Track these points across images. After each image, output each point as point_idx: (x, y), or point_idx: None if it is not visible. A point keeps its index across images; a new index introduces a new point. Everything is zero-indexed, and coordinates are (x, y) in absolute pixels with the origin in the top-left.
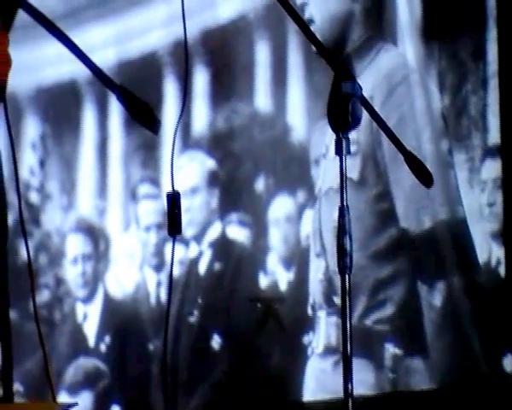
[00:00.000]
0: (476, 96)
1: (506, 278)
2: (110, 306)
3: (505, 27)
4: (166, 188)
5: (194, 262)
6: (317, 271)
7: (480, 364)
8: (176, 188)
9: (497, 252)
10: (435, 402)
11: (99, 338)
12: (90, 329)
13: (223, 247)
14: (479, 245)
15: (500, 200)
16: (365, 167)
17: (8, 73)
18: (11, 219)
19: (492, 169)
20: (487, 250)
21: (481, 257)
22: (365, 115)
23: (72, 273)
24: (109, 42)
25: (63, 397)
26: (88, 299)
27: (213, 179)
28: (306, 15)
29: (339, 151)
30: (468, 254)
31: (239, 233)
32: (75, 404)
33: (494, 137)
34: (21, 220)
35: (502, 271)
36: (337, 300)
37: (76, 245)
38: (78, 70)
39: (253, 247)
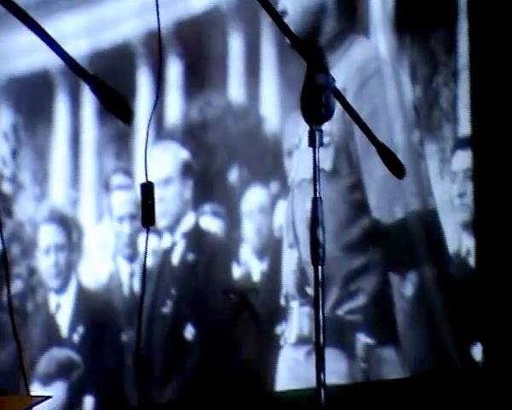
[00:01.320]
0: (447, 87)
1: (476, 269)
2: (83, 296)
3: (476, 21)
4: (140, 178)
5: (167, 253)
6: (290, 262)
7: (450, 353)
8: (149, 178)
9: (468, 242)
10: (407, 391)
11: (72, 329)
12: (63, 319)
13: (196, 238)
14: (449, 235)
15: (470, 191)
16: (338, 158)
17: None
18: None
19: (463, 160)
20: (458, 241)
21: (452, 247)
22: (338, 107)
23: (45, 264)
24: (82, 32)
25: (36, 388)
26: (61, 289)
27: (187, 170)
28: (280, 7)
29: (312, 143)
30: (438, 244)
31: (212, 224)
32: (49, 397)
33: (465, 128)
34: None
35: (472, 261)
36: (310, 290)
37: (49, 235)
38: (51, 60)
39: (226, 238)
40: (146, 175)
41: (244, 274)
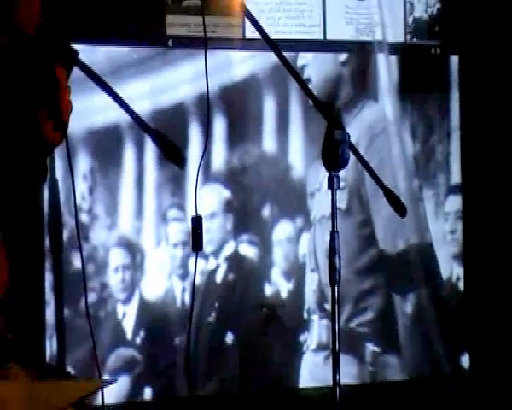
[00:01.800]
0: (441, 144)
1: (464, 292)
2: (144, 307)
3: (465, 90)
4: (191, 212)
5: (212, 273)
6: (312, 283)
7: (442, 360)
8: (198, 213)
9: (458, 270)
10: (406, 391)
11: (135, 333)
12: (128, 325)
13: (235, 261)
14: (442, 264)
15: (460, 228)
16: (351, 200)
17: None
18: (65, 235)
19: (454, 203)
20: (449, 269)
21: (444, 274)
22: (352, 158)
23: (114, 280)
24: (146, 94)
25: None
26: (126, 301)
27: (228, 207)
28: (305, 76)
29: (330, 186)
30: (433, 271)
31: (249, 251)
32: (115, 380)
33: (456, 177)
34: (78, 238)
35: (461, 286)
36: (328, 307)
37: (117, 257)
38: (121, 117)
39: (260, 262)
40: (196, 210)
41: (274, 292)
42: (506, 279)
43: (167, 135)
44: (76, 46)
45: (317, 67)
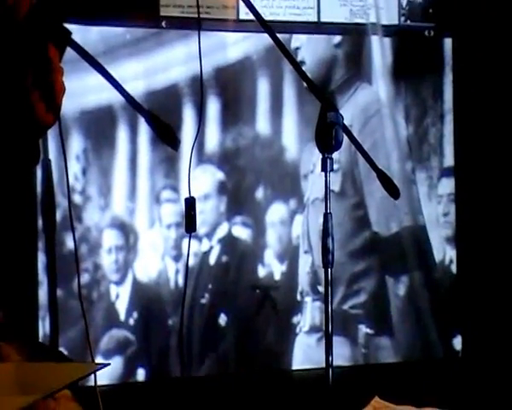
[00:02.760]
0: (435, 127)
1: (457, 275)
2: (137, 288)
3: (459, 73)
4: (184, 194)
5: (205, 255)
6: (305, 265)
7: (435, 343)
8: (192, 194)
9: (450, 253)
10: (399, 373)
11: (128, 314)
12: (121, 306)
13: (229, 243)
14: (435, 247)
15: (453, 211)
16: (345, 182)
17: (62, 98)
18: (59, 216)
19: (447, 186)
20: (442, 251)
21: (437, 257)
22: (345, 140)
23: (107, 261)
24: (139, 75)
25: (99, 360)
26: (120, 282)
27: (222, 188)
28: (299, 58)
29: (324, 168)
30: (426, 254)
31: (242, 232)
32: (108, 364)
33: (449, 160)
34: (71, 219)
35: (454, 268)
36: (321, 289)
37: (110, 238)
38: (114, 97)
39: (253, 244)
40: (189, 191)
41: (267, 274)
42: (498, 262)
43: (161, 116)
44: (69, 26)
45: (310, 49)
